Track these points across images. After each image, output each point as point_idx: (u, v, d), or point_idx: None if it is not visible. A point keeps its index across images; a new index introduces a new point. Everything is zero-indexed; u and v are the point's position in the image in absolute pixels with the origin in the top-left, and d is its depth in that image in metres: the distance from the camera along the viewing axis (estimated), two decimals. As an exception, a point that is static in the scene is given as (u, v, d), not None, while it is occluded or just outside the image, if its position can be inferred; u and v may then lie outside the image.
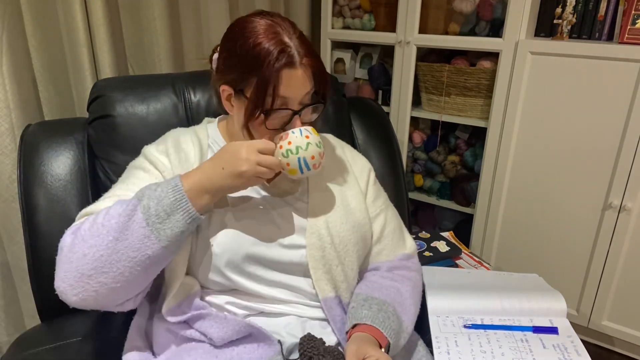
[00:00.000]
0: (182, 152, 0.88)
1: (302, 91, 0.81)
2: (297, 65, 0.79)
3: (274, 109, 0.80)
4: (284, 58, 0.78)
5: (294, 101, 0.81)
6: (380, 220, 0.99)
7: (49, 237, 0.98)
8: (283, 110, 0.81)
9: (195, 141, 0.91)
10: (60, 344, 0.90)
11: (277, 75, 0.78)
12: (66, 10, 1.36)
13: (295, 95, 0.81)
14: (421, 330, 0.97)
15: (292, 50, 0.79)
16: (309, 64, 0.80)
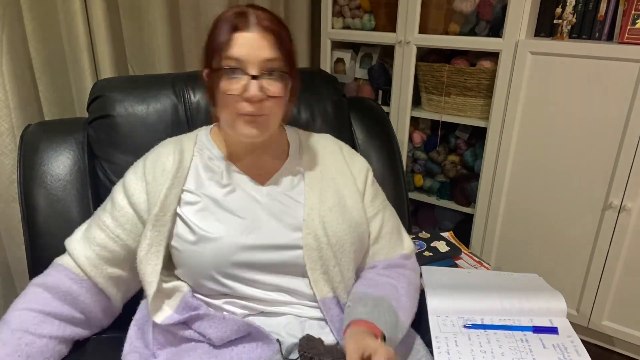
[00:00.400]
0: (159, 165, 0.90)
1: (258, 54, 0.79)
2: (252, 28, 0.80)
3: (226, 69, 0.80)
4: (234, 19, 0.80)
5: (250, 65, 0.80)
6: (378, 220, 0.98)
7: (49, 237, 0.98)
8: (237, 72, 0.80)
9: (177, 151, 0.91)
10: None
11: (226, 36, 0.79)
12: (66, 10, 1.36)
13: (249, 58, 0.79)
14: (421, 330, 0.97)
15: (249, 16, 0.80)
16: (268, 29, 0.80)
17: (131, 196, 0.88)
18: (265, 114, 0.83)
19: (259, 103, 0.81)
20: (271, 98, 0.82)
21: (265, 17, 0.81)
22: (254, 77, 0.79)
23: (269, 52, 0.80)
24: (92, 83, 1.36)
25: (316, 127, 1.23)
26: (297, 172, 0.95)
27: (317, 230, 0.87)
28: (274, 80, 0.82)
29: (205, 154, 0.93)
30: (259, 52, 0.79)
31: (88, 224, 0.91)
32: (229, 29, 0.80)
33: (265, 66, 0.80)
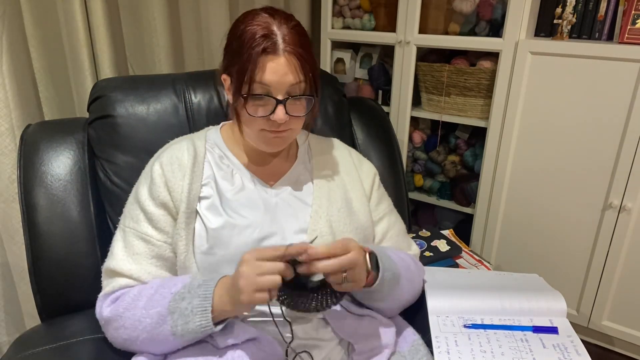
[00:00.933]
0: (175, 161, 0.89)
1: (285, 80, 0.80)
2: (280, 52, 0.79)
3: (251, 95, 0.80)
4: (264, 43, 0.78)
5: (277, 90, 0.80)
6: (384, 224, 1.00)
7: (49, 237, 0.98)
8: (264, 97, 0.81)
9: (190, 147, 0.92)
10: (60, 344, 0.90)
11: (255, 60, 0.79)
12: (66, 10, 1.36)
13: (277, 83, 0.80)
14: (421, 330, 0.97)
15: (276, 38, 0.79)
16: (294, 53, 0.79)
17: (157, 197, 0.87)
18: (290, 129, 0.85)
19: (283, 123, 0.83)
20: (294, 118, 0.83)
21: (291, 38, 0.80)
22: (280, 101, 0.81)
23: (294, 76, 0.80)
24: (92, 83, 1.36)
25: (316, 127, 1.24)
26: (305, 174, 0.96)
27: (323, 229, 0.88)
28: (298, 101, 0.83)
29: (216, 152, 0.94)
30: (286, 77, 0.80)
31: (122, 242, 0.88)
32: (259, 54, 0.79)
33: (290, 90, 0.81)
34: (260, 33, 0.79)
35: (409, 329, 0.98)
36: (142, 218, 0.87)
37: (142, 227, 0.87)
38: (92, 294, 0.92)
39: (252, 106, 0.82)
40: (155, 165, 0.90)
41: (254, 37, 0.79)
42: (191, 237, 0.85)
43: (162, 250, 0.86)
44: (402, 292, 0.92)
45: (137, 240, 0.86)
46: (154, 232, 0.86)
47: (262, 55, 0.78)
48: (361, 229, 0.93)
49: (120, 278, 0.85)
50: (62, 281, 0.98)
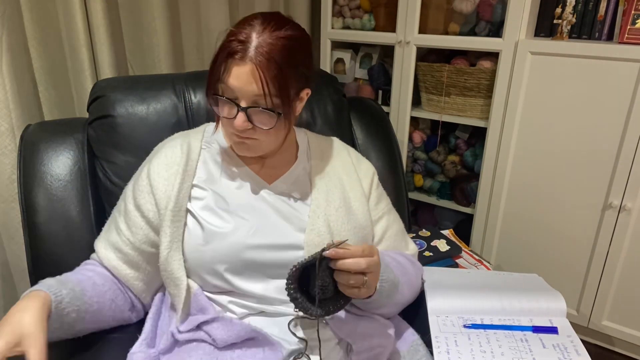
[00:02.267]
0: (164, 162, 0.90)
1: (248, 89, 0.78)
2: (246, 60, 0.77)
3: (216, 94, 0.82)
4: (235, 47, 0.78)
5: (243, 97, 0.80)
6: (382, 223, 0.99)
7: (49, 237, 0.98)
8: (228, 100, 0.81)
9: (184, 144, 0.92)
10: (60, 344, 0.90)
11: (223, 62, 0.79)
12: (66, 10, 1.36)
13: (240, 90, 0.79)
14: (421, 330, 0.97)
15: (249, 45, 0.77)
16: (262, 65, 0.77)
17: (136, 199, 0.89)
18: (255, 138, 0.84)
19: (247, 130, 0.82)
20: (259, 130, 0.82)
21: (265, 48, 0.77)
22: (241, 109, 0.80)
23: (257, 87, 0.78)
24: (92, 83, 1.36)
25: (316, 127, 1.24)
26: (304, 173, 0.96)
27: (321, 228, 0.88)
28: (263, 113, 0.81)
29: (214, 148, 0.94)
30: (248, 86, 0.78)
31: (108, 224, 0.95)
32: (226, 56, 0.79)
33: (254, 100, 0.80)
34: (238, 37, 0.79)
35: (408, 329, 0.98)
36: (123, 210, 0.92)
37: (120, 218, 0.91)
38: (92, 294, 0.92)
39: (220, 106, 0.83)
40: (143, 170, 0.92)
41: (230, 39, 0.80)
42: (179, 235, 0.85)
43: (125, 247, 0.89)
44: (400, 297, 0.92)
45: (112, 229, 0.92)
46: (124, 227, 0.90)
47: (229, 59, 0.79)
48: (360, 229, 0.93)
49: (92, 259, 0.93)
50: (62, 281, 0.98)
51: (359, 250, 0.74)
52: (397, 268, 0.91)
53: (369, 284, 0.76)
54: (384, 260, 0.88)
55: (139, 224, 0.88)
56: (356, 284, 0.75)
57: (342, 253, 0.73)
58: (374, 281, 0.79)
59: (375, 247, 0.81)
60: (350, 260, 0.73)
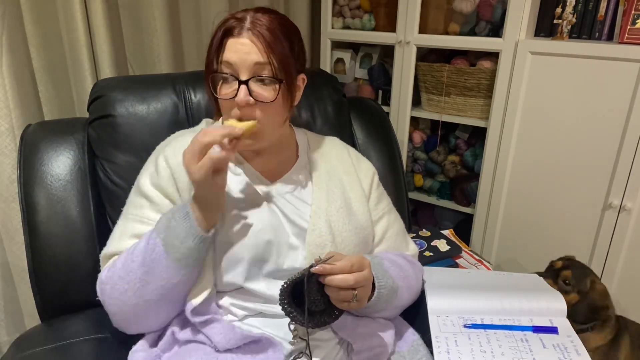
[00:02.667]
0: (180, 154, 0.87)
1: (247, 59, 0.79)
2: (243, 33, 0.80)
3: (218, 73, 0.82)
4: (228, 25, 0.81)
5: (241, 70, 0.80)
6: (383, 223, 0.99)
7: (49, 237, 0.98)
8: (229, 77, 0.81)
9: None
10: (60, 344, 0.90)
11: (219, 40, 0.81)
12: (66, 10, 1.36)
13: (240, 62, 0.79)
14: (421, 330, 0.97)
15: (244, 22, 0.80)
16: (259, 34, 0.79)
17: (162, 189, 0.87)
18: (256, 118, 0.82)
19: (248, 108, 0.81)
20: (260, 103, 0.81)
21: (262, 21, 0.81)
22: (243, 81, 0.80)
23: (258, 56, 0.79)
24: (92, 83, 1.36)
25: (316, 127, 1.24)
26: (305, 173, 0.96)
27: (322, 228, 0.88)
28: (265, 85, 0.81)
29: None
30: (248, 56, 0.79)
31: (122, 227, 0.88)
32: (223, 34, 0.81)
33: (255, 71, 0.80)
34: (231, 18, 0.82)
35: (408, 329, 0.99)
36: (146, 204, 0.87)
37: (144, 212, 0.87)
38: (92, 294, 0.92)
39: (219, 88, 0.83)
40: (159, 159, 0.89)
41: (224, 21, 0.82)
42: None
43: None
44: (399, 301, 0.92)
45: (137, 224, 0.86)
46: (153, 215, 0.85)
47: (226, 37, 0.81)
48: (360, 229, 0.93)
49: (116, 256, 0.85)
50: (62, 281, 0.98)
51: (347, 265, 0.74)
52: (396, 273, 0.90)
53: (360, 297, 0.76)
54: (382, 265, 0.88)
55: (167, 205, 0.86)
56: (346, 298, 0.75)
57: (329, 269, 0.73)
58: (364, 294, 0.79)
59: (367, 259, 0.80)
60: (339, 276, 0.73)
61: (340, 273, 0.73)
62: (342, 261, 0.74)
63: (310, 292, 0.75)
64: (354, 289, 0.75)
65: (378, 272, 0.85)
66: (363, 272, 0.76)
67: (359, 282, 0.75)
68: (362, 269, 0.76)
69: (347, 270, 0.74)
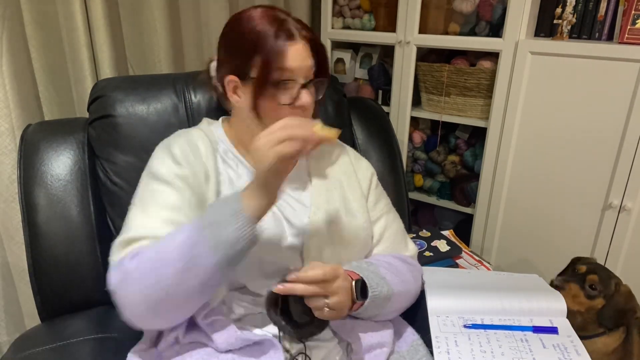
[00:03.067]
0: (192, 146, 0.88)
1: (305, 64, 0.83)
2: (297, 38, 0.81)
3: (282, 80, 0.82)
4: (284, 31, 0.81)
5: (299, 74, 0.82)
6: (381, 223, 0.99)
7: (49, 237, 0.98)
8: (290, 82, 0.82)
9: (203, 136, 0.91)
10: (60, 344, 0.90)
11: (281, 48, 0.80)
12: (66, 10, 1.36)
13: (300, 67, 0.82)
14: (421, 330, 0.97)
15: (290, 25, 0.82)
16: (308, 38, 0.83)
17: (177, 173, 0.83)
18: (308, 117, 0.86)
19: (306, 110, 0.84)
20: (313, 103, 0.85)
21: (301, 25, 0.84)
22: (304, 85, 0.83)
23: (310, 59, 0.83)
24: (92, 83, 1.36)
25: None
26: (303, 174, 0.96)
27: (321, 229, 0.88)
28: (317, 86, 0.86)
29: (221, 148, 0.93)
30: (305, 62, 0.83)
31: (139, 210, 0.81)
32: (279, 39, 0.80)
33: (310, 74, 0.84)
34: (275, 24, 0.81)
35: (408, 329, 0.99)
36: (161, 188, 0.82)
37: (161, 195, 0.82)
38: (92, 294, 0.92)
39: (276, 92, 0.82)
40: (174, 148, 0.87)
41: (270, 29, 0.81)
42: None
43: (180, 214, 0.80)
44: (395, 305, 0.92)
45: (154, 207, 0.81)
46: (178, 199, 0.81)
47: (282, 42, 0.80)
48: (359, 229, 0.93)
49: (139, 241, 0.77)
50: (62, 281, 0.99)
51: (318, 275, 0.73)
52: (393, 278, 0.90)
53: (334, 306, 0.75)
54: (379, 273, 0.88)
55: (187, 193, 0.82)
56: (317, 307, 0.75)
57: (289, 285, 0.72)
58: (339, 303, 0.76)
59: (341, 269, 0.78)
60: (299, 286, 0.73)
61: (310, 282, 0.73)
62: (313, 270, 0.74)
63: (292, 305, 0.76)
64: (325, 297, 0.74)
65: (373, 280, 0.85)
66: (333, 283, 0.75)
67: (328, 290, 0.74)
68: (334, 279, 0.76)
69: (319, 279, 0.73)
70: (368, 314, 0.88)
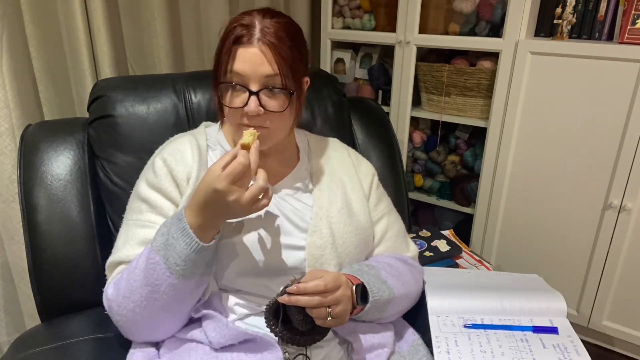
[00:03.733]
0: (179, 155, 0.89)
1: (258, 70, 0.79)
2: (254, 42, 0.78)
3: (227, 83, 0.81)
4: (237, 33, 0.79)
5: (252, 81, 0.79)
6: (383, 224, 0.99)
7: (49, 237, 0.98)
8: (238, 87, 0.80)
9: (193, 144, 0.91)
10: (60, 344, 0.90)
11: (228, 49, 0.79)
12: (66, 10, 1.36)
13: (251, 73, 0.79)
14: (421, 330, 0.97)
15: (254, 30, 0.79)
16: (270, 44, 0.78)
17: (160, 189, 0.86)
18: (266, 127, 0.83)
19: (258, 117, 0.81)
20: (271, 113, 0.81)
21: (271, 29, 0.79)
22: (253, 92, 0.79)
23: (269, 68, 0.79)
24: (92, 83, 1.36)
25: (316, 127, 1.23)
26: (305, 175, 0.96)
27: (323, 230, 0.88)
28: (275, 95, 0.81)
29: (219, 149, 0.93)
30: (259, 68, 0.79)
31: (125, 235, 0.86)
32: (232, 43, 0.79)
33: (265, 82, 0.80)
34: (239, 25, 0.80)
35: (408, 329, 0.99)
36: (145, 208, 0.86)
37: (145, 216, 0.86)
38: (92, 294, 0.92)
39: (228, 95, 0.82)
40: (157, 160, 0.89)
41: (232, 28, 0.80)
42: None
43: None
44: (396, 307, 0.92)
45: (139, 229, 0.85)
46: (158, 218, 0.85)
47: (235, 45, 0.79)
48: (361, 230, 0.93)
49: (122, 265, 0.84)
50: (62, 281, 0.98)
51: (320, 285, 0.74)
52: (395, 282, 0.90)
53: (336, 314, 0.76)
54: (380, 277, 0.88)
55: (167, 208, 0.85)
56: (320, 316, 0.75)
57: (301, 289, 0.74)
58: (341, 312, 0.78)
59: (343, 278, 0.79)
60: (303, 298, 0.74)
61: (312, 293, 0.74)
62: (315, 281, 0.74)
63: (292, 313, 0.76)
64: (328, 307, 0.75)
65: (374, 285, 0.85)
66: (335, 292, 0.76)
67: (330, 301, 0.75)
68: (336, 289, 0.76)
69: (321, 289, 0.74)
70: (369, 318, 0.88)
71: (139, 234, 0.84)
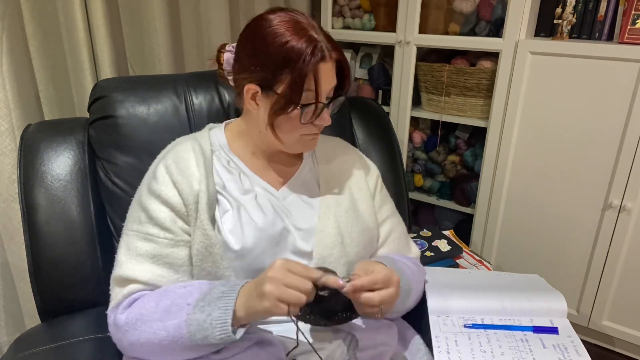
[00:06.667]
0: (182, 162, 0.87)
1: (331, 84, 0.83)
2: (327, 59, 0.80)
3: (310, 104, 0.81)
4: (318, 53, 0.79)
5: (323, 95, 0.82)
6: (387, 226, 1.00)
7: (49, 237, 0.98)
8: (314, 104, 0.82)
9: (196, 149, 0.89)
10: (60, 344, 0.90)
11: (315, 70, 0.79)
12: (66, 10, 1.36)
13: (326, 88, 0.82)
14: (421, 330, 0.97)
15: (322, 45, 0.80)
16: (337, 58, 0.83)
17: (160, 196, 0.84)
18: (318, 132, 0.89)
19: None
20: None
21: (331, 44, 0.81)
22: (327, 105, 0.83)
23: (335, 79, 0.84)
24: (92, 83, 1.36)
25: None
26: (311, 175, 0.96)
27: (331, 230, 0.88)
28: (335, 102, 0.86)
29: (223, 155, 0.92)
30: (332, 82, 0.83)
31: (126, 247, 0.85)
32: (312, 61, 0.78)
33: (330, 93, 0.85)
34: (309, 44, 0.78)
35: (409, 329, 0.99)
36: (144, 218, 0.85)
37: (144, 227, 0.84)
38: (91, 294, 0.92)
39: (305, 114, 0.82)
40: (159, 167, 0.87)
41: (304, 48, 0.78)
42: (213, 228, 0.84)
43: (165, 248, 0.83)
44: (411, 302, 0.93)
45: (140, 242, 0.84)
46: (157, 230, 0.83)
47: (315, 64, 0.79)
48: (367, 230, 0.93)
49: (130, 285, 0.82)
50: (62, 281, 0.98)
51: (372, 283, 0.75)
52: (410, 275, 0.92)
53: (385, 310, 0.77)
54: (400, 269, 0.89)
55: (172, 219, 0.84)
56: (372, 312, 0.77)
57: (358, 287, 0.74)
58: (389, 308, 0.79)
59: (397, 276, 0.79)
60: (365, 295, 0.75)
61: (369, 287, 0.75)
62: (368, 278, 0.75)
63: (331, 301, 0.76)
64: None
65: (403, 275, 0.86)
66: (389, 289, 0.76)
67: (384, 300, 0.76)
68: (388, 286, 0.77)
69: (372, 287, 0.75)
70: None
71: (140, 248, 0.83)
